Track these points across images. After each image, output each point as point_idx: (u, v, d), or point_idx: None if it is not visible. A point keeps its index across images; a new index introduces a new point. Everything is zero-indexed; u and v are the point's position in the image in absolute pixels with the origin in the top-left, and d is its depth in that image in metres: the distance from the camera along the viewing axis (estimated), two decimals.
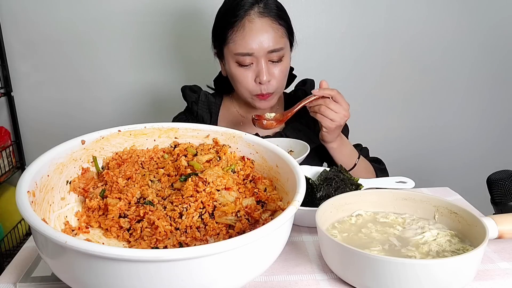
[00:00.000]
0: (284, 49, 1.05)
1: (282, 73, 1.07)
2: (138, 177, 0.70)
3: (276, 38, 1.02)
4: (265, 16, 1.01)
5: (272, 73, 1.05)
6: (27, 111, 1.75)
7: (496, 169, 0.84)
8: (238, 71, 1.05)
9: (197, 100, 1.17)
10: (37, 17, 1.64)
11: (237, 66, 1.05)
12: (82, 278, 0.48)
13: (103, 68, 1.72)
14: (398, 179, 0.88)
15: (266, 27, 1.01)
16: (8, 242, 1.62)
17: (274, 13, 1.03)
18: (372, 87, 1.82)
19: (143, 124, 0.76)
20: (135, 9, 1.65)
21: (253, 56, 1.02)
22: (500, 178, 0.81)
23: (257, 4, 1.02)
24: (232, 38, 1.02)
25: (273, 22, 1.02)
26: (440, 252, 0.62)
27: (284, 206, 0.63)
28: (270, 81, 1.05)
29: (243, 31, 1.01)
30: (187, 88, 1.20)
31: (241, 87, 1.07)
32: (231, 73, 1.07)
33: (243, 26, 1.01)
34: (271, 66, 1.04)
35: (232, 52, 1.03)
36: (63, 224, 0.63)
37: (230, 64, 1.06)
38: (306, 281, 0.62)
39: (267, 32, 1.01)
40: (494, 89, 1.87)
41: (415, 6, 1.72)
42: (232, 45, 1.03)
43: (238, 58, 1.03)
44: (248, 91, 1.07)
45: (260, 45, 1.00)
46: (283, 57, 1.05)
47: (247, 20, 1.01)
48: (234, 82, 1.09)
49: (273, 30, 1.02)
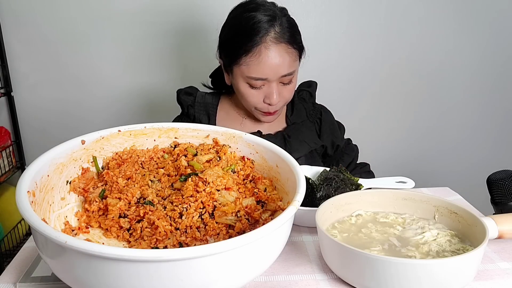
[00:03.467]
0: (296, 70, 1.04)
1: (290, 92, 1.06)
2: (138, 177, 0.70)
3: (290, 63, 1.00)
4: (281, 42, 0.98)
5: (281, 94, 1.03)
6: (27, 111, 1.75)
7: (496, 169, 0.84)
8: (248, 91, 1.03)
9: (193, 103, 1.15)
10: (37, 17, 1.64)
11: (248, 87, 1.03)
12: (82, 278, 0.48)
13: (103, 68, 1.71)
14: (398, 179, 0.88)
15: (282, 53, 0.98)
16: (8, 242, 1.62)
17: (288, 36, 1.00)
18: (372, 87, 1.82)
19: (143, 124, 0.76)
20: (136, 9, 1.65)
21: (266, 80, 1.00)
22: (500, 178, 0.81)
23: (273, 27, 0.98)
24: (246, 62, 0.99)
25: (288, 47, 1.00)
26: (440, 252, 0.62)
27: (284, 206, 0.63)
28: (279, 101, 1.04)
29: (259, 57, 0.98)
30: (182, 91, 1.17)
31: (247, 103, 1.06)
32: (239, 90, 1.05)
33: (259, 52, 0.98)
34: (282, 87, 1.03)
35: (244, 74, 1.01)
36: (63, 224, 0.63)
37: (239, 82, 1.03)
38: (306, 281, 0.62)
39: (282, 58, 0.99)
40: (494, 89, 1.87)
41: (415, 6, 1.72)
42: (245, 68, 1.00)
43: (250, 81, 1.01)
44: (255, 107, 1.06)
45: (275, 71, 0.99)
46: (293, 78, 1.04)
47: (263, 46, 0.97)
48: (240, 96, 1.07)
49: (288, 55, 0.99)
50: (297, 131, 1.14)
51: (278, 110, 1.07)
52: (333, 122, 1.20)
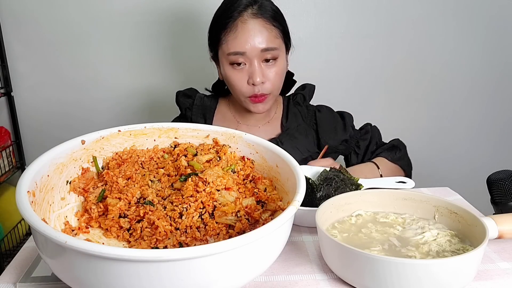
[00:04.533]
0: (279, 50, 1.03)
1: (277, 75, 1.04)
2: (138, 177, 0.70)
3: (269, 38, 1.00)
4: (259, 17, 1.00)
5: (266, 75, 1.02)
6: (27, 111, 1.75)
7: (496, 169, 0.84)
8: (232, 72, 1.03)
9: (191, 106, 1.16)
10: (37, 17, 1.64)
11: (231, 68, 1.03)
12: (82, 278, 0.48)
13: (103, 68, 1.71)
14: (398, 179, 0.88)
15: (259, 27, 1.00)
16: (8, 242, 1.62)
17: (269, 15, 1.01)
18: (372, 87, 1.82)
19: (143, 124, 0.76)
20: (136, 9, 1.65)
21: (245, 56, 1.00)
22: (500, 178, 0.80)
23: (251, 6, 1.01)
24: (225, 39, 1.01)
25: (266, 23, 1.01)
26: (440, 252, 0.62)
27: (284, 206, 0.63)
28: (264, 83, 1.02)
29: (236, 31, 1.00)
30: (181, 94, 1.18)
31: (235, 90, 1.06)
32: (226, 75, 1.06)
33: (236, 27, 1.00)
34: (265, 68, 1.02)
35: (225, 52, 1.02)
36: (63, 224, 0.63)
37: (224, 65, 1.04)
38: (306, 281, 0.62)
39: (260, 32, 0.99)
40: (495, 89, 1.87)
41: (415, 6, 1.72)
42: (225, 45, 1.02)
43: (231, 58, 1.01)
44: (242, 93, 1.05)
45: (252, 44, 0.99)
46: (277, 59, 1.03)
47: (240, 21, 1.00)
48: (229, 84, 1.08)
49: (267, 30, 1.00)
50: (291, 138, 1.13)
51: (268, 98, 1.05)
52: (332, 119, 1.19)
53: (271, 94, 1.06)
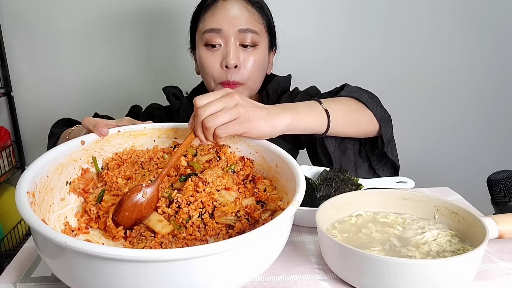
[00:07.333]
0: (259, 36, 0.96)
1: (255, 65, 0.95)
2: (138, 178, 0.70)
3: (249, 19, 0.94)
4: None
5: (241, 60, 0.94)
6: (27, 111, 1.75)
7: (496, 169, 0.84)
8: (205, 54, 0.96)
9: (179, 109, 1.09)
10: (37, 17, 1.64)
11: (205, 49, 0.96)
12: (82, 278, 0.48)
13: (103, 68, 1.71)
14: (398, 179, 0.88)
15: (239, 6, 0.94)
16: (8, 242, 1.62)
17: (253, 1, 0.97)
18: (372, 87, 1.79)
19: (142, 125, 0.76)
20: (136, 9, 1.65)
21: (221, 34, 0.93)
22: (500, 178, 0.80)
23: None
24: (203, 18, 0.96)
25: (248, 5, 0.95)
26: (440, 252, 0.62)
27: (284, 206, 0.63)
28: (238, 68, 0.94)
29: (215, 8, 0.94)
30: (170, 93, 1.12)
31: (206, 74, 0.97)
32: (199, 58, 0.98)
33: (216, 5, 0.95)
34: (242, 51, 0.95)
35: (201, 32, 0.96)
36: (63, 224, 0.63)
37: (199, 48, 0.97)
38: (306, 281, 0.62)
39: (240, 11, 0.93)
40: (495, 89, 1.87)
41: (415, 6, 1.72)
42: (202, 24, 0.96)
43: (206, 36, 0.94)
44: (213, 78, 0.96)
45: (229, 21, 0.92)
46: (257, 46, 0.96)
47: (220, 0, 0.95)
48: (201, 69, 1.00)
49: (247, 11, 0.94)
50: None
51: (239, 86, 0.95)
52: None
53: (245, 86, 0.97)
